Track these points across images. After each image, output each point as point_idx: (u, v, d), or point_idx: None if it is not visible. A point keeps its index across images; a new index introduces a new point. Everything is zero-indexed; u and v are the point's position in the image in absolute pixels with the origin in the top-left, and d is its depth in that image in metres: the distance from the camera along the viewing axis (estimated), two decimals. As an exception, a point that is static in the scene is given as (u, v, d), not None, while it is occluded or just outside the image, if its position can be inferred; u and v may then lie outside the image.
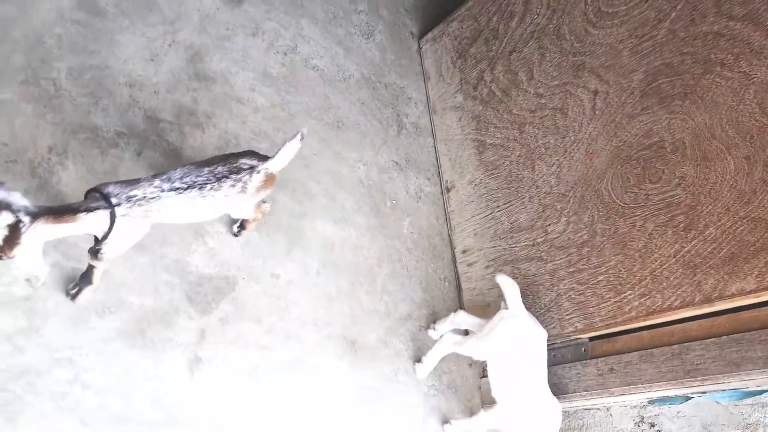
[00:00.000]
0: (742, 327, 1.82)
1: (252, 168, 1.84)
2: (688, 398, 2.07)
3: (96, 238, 1.68)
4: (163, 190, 1.70)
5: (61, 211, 1.57)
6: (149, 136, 2.17)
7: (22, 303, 1.81)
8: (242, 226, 2.19)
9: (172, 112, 2.25)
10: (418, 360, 2.47)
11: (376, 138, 2.71)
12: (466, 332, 2.50)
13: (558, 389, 2.27)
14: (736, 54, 1.83)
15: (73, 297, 1.86)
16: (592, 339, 2.29)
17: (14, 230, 1.47)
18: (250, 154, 1.88)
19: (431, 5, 3.07)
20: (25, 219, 1.48)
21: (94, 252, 1.71)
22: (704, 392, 1.99)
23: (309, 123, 2.54)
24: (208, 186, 1.75)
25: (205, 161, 1.82)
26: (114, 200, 1.62)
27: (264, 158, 1.88)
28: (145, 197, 1.66)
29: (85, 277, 1.83)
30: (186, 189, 1.73)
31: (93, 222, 1.60)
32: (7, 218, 1.46)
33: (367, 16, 2.85)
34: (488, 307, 2.52)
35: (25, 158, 1.93)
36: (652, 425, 2.23)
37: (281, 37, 2.56)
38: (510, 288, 2.17)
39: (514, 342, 2.16)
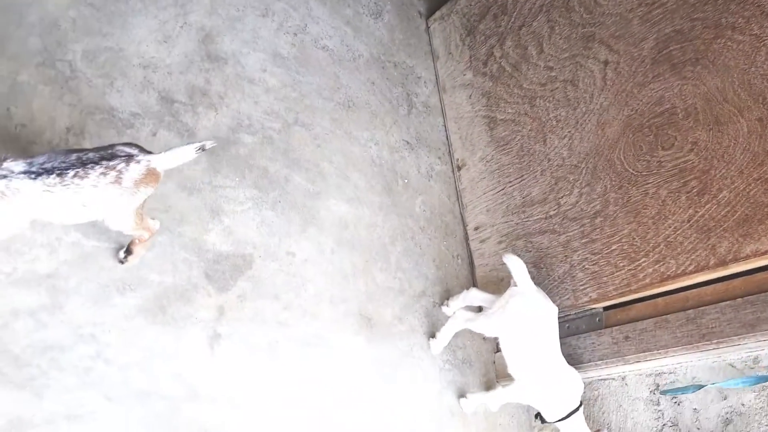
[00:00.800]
0: (756, 288, 1.84)
1: (130, 156, 1.59)
2: (700, 386, 2.08)
3: None
4: (12, 171, 1.48)
5: None
6: (164, 117, 2.20)
7: (44, 280, 1.84)
8: (128, 250, 1.93)
9: (186, 92, 2.27)
10: (433, 336, 2.49)
11: (387, 117, 2.73)
12: (479, 309, 2.52)
13: (573, 360, 2.29)
14: (747, 17, 1.84)
15: None
16: (606, 309, 2.31)
17: None
18: (132, 144, 1.65)
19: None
20: None
21: None
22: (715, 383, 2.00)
23: (319, 103, 2.56)
24: (71, 172, 1.50)
25: (84, 148, 1.61)
26: None
27: (148, 152, 1.65)
28: None
29: None
30: (41, 174, 1.49)
31: None
32: None
33: (374, -4, 2.87)
34: (502, 281, 2.53)
35: (44, 139, 1.95)
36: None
37: (291, 18, 2.58)
38: (517, 266, 2.18)
39: (524, 318, 2.17)
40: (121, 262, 1.95)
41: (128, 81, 2.16)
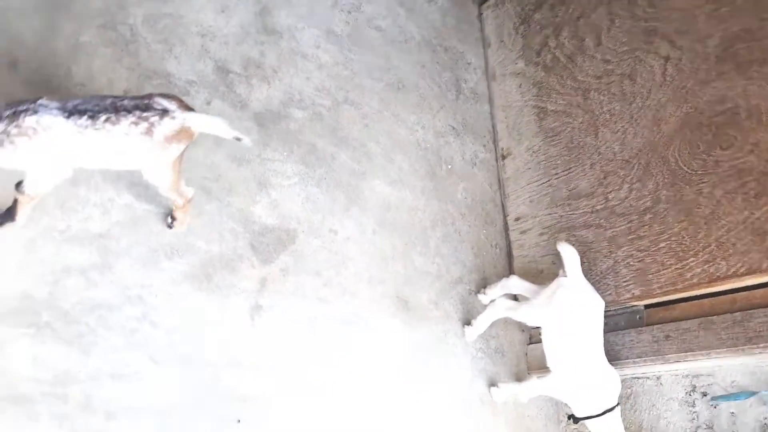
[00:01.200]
0: (810, 295, 1.81)
1: (165, 111, 1.57)
2: (752, 393, 2.06)
3: None
4: (46, 107, 1.48)
5: None
6: (218, 87, 2.20)
7: (96, 239, 1.86)
8: (173, 217, 1.93)
9: (241, 64, 2.27)
10: (468, 323, 2.49)
11: (435, 102, 2.71)
12: (515, 297, 2.51)
13: (610, 356, 2.27)
14: (820, 19, 1.80)
15: None
16: (647, 306, 2.29)
17: None
18: (171, 98, 1.62)
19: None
20: None
21: (17, 185, 1.60)
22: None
23: (369, 83, 2.55)
24: (103, 117, 1.50)
25: (122, 96, 1.60)
26: None
27: (188, 108, 1.63)
28: (20, 111, 1.46)
29: (9, 213, 1.68)
30: (74, 114, 1.48)
31: None
32: None
33: (429, -21, 2.85)
34: (540, 273, 2.52)
35: (102, 100, 1.97)
36: (704, 394, 2.22)
37: (346, -4, 2.57)
38: (571, 256, 2.16)
39: (571, 310, 2.16)
40: (169, 227, 1.96)
41: (186, 48, 2.16)
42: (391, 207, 2.48)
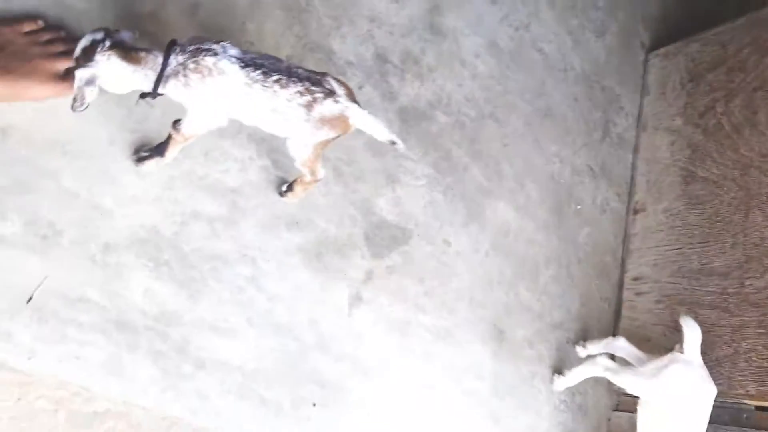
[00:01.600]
0: None
1: (332, 93, 1.56)
2: None
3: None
4: (226, 51, 1.49)
5: (132, 49, 1.49)
6: (373, 74, 2.20)
7: (228, 193, 1.90)
8: (291, 187, 1.92)
9: (400, 56, 2.26)
10: (559, 371, 2.38)
11: (579, 138, 2.61)
12: (612, 358, 2.38)
13: (704, 450, 2.11)
14: None
15: (138, 160, 1.74)
16: (758, 408, 2.10)
17: (93, 46, 1.45)
18: (344, 85, 1.61)
19: (670, 20, 2.90)
20: (107, 43, 1.45)
21: (174, 123, 1.64)
22: None
23: (518, 103, 2.48)
24: (275, 76, 1.50)
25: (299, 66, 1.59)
26: (176, 49, 1.49)
27: (354, 100, 1.61)
28: (202, 49, 1.48)
29: (159, 148, 1.72)
30: (250, 66, 1.49)
31: (153, 67, 1.49)
32: (97, 35, 1.46)
33: (604, 14, 2.74)
34: (647, 342, 2.37)
35: (266, 62, 2.00)
36: None
37: (517, 12, 2.51)
38: (693, 333, 2.02)
39: (680, 389, 2.01)
40: (281, 194, 1.96)
41: (353, 29, 2.17)
42: (510, 233, 2.40)
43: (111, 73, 1.50)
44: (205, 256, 1.84)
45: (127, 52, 1.48)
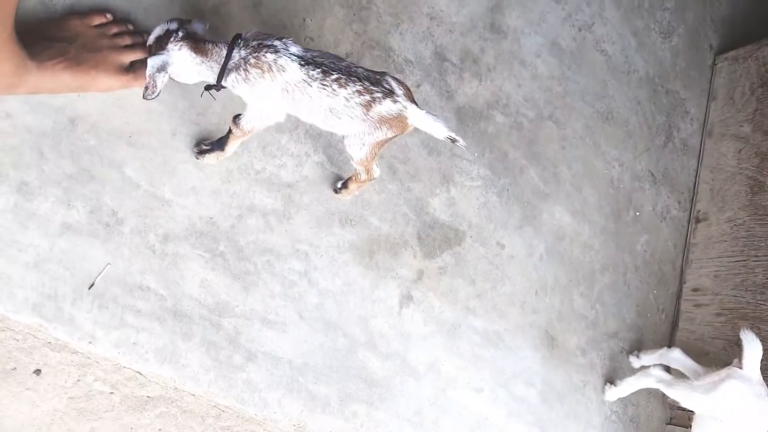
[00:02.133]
0: None
1: (391, 92, 1.55)
2: None
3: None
4: (287, 48, 1.50)
5: (202, 41, 1.51)
6: (431, 72, 2.18)
7: (284, 188, 1.91)
8: (345, 184, 1.92)
9: (459, 55, 2.23)
10: (611, 381, 2.32)
11: (641, 142, 2.53)
12: (667, 370, 2.30)
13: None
14: None
15: (199, 153, 1.77)
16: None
17: (167, 35, 1.49)
18: (403, 85, 1.59)
19: (742, 23, 2.79)
20: (180, 33, 1.49)
21: (234, 118, 1.66)
22: None
23: (579, 105, 2.42)
24: (335, 75, 1.50)
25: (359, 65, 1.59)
26: (239, 43, 1.51)
27: (413, 100, 1.59)
28: (264, 45, 1.49)
29: (220, 142, 1.75)
30: (310, 64, 1.50)
31: (218, 60, 1.51)
32: (172, 25, 1.49)
33: (671, 15, 2.65)
34: (705, 356, 2.29)
35: (325, 58, 2.01)
36: None
37: (581, 12, 2.45)
38: (755, 348, 1.94)
39: (736, 405, 1.93)
40: (335, 191, 1.97)
41: (413, 27, 2.16)
42: (566, 237, 2.35)
43: (181, 62, 1.53)
44: (259, 249, 1.86)
45: (197, 44, 1.52)
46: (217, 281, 1.79)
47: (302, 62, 1.52)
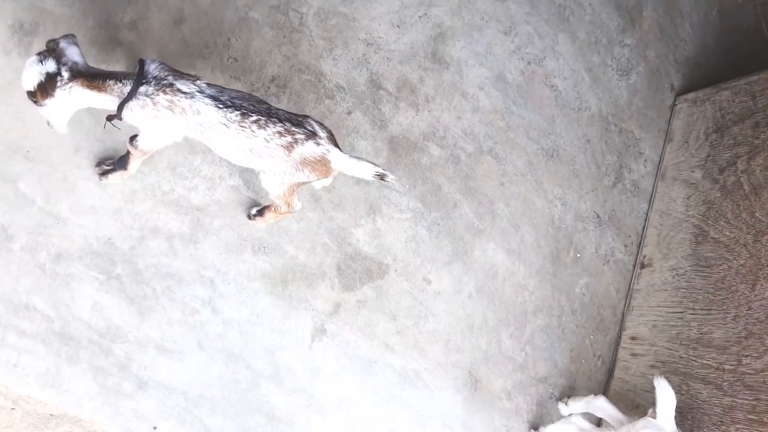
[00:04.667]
0: None
1: (313, 134, 1.53)
2: None
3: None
4: (201, 92, 1.47)
5: (96, 76, 1.46)
6: (364, 99, 2.12)
7: (192, 211, 1.86)
8: (261, 212, 1.88)
9: (396, 83, 2.17)
10: (536, 428, 2.24)
11: (587, 182, 2.45)
12: (599, 421, 2.22)
13: None
14: None
15: (102, 174, 1.73)
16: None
17: (51, 80, 1.42)
18: (326, 128, 1.58)
19: (705, 64, 2.70)
20: (65, 75, 1.42)
21: (131, 138, 1.60)
22: None
23: (522, 141, 2.35)
24: (254, 117, 1.48)
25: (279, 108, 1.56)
26: (147, 78, 1.46)
27: (336, 144, 1.58)
28: (177, 89, 1.46)
29: (122, 161, 1.70)
30: (226, 107, 1.48)
31: (119, 95, 1.47)
32: (50, 66, 1.41)
33: (631, 52, 2.57)
34: (635, 408, 2.20)
35: (248, 79, 1.96)
36: None
37: (532, 45, 2.38)
38: (667, 398, 1.86)
39: (651, 458, 1.85)
40: (249, 217, 1.91)
41: (347, 52, 2.10)
42: (498, 276, 2.28)
43: (75, 101, 1.49)
44: (160, 273, 1.81)
45: (91, 80, 1.46)
46: (111, 305, 1.74)
47: (220, 105, 1.49)
